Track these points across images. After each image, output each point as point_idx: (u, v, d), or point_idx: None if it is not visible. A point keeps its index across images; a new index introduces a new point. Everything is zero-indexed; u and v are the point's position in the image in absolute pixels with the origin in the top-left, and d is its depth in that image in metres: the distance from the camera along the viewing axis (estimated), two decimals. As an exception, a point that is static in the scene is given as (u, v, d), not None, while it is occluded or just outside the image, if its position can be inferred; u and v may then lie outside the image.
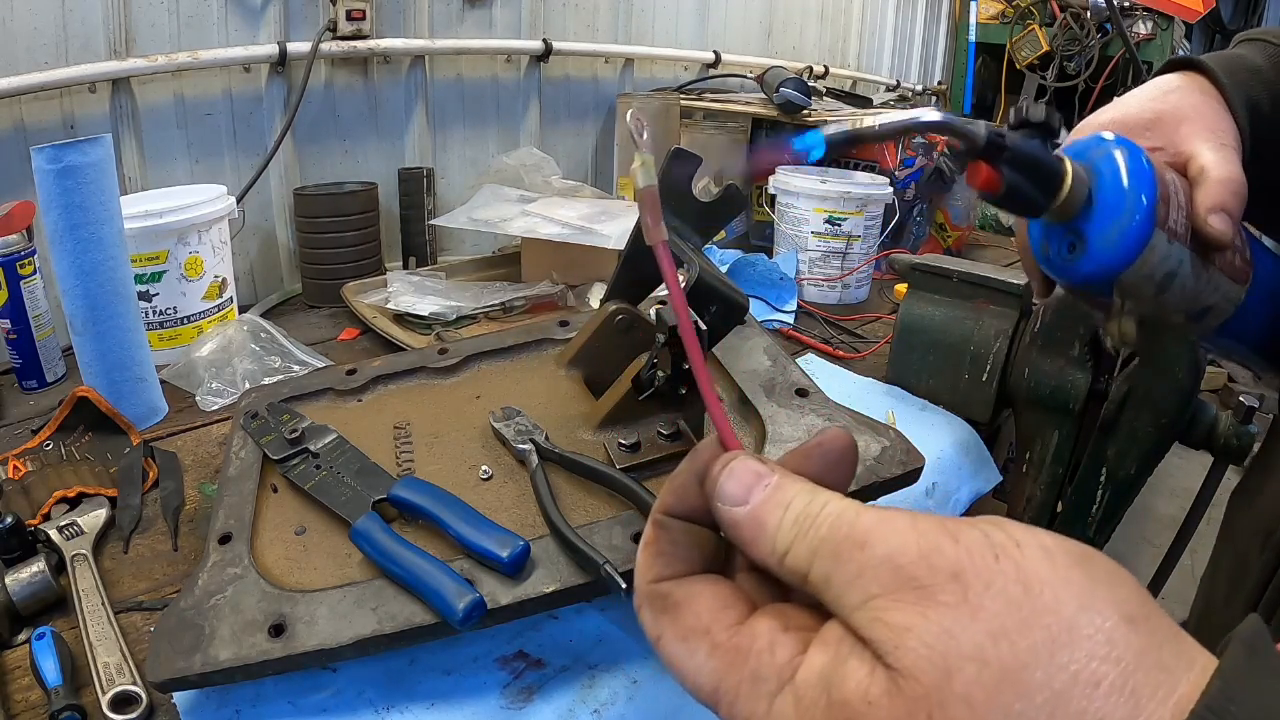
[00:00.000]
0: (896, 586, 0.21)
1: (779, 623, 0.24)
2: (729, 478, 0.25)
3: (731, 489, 0.25)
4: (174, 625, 0.52)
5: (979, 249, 1.81)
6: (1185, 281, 0.45)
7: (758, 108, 1.58)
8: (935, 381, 1.00)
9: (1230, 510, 0.68)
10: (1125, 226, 0.42)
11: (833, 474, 0.26)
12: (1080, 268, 0.44)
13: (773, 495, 0.24)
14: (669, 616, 0.25)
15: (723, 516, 0.25)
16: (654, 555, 0.27)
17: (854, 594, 0.21)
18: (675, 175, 0.65)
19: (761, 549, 0.24)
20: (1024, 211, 0.44)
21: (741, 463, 0.25)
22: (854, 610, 0.21)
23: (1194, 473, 0.95)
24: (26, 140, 1.03)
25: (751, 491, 0.24)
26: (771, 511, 0.24)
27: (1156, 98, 0.50)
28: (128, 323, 0.86)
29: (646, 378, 0.61)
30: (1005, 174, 0.41)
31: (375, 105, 1.45)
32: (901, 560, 0.21)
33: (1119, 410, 0.85)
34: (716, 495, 0.25)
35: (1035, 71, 2.99)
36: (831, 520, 0.23)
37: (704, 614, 0.25)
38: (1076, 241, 0.44)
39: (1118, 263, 0.43)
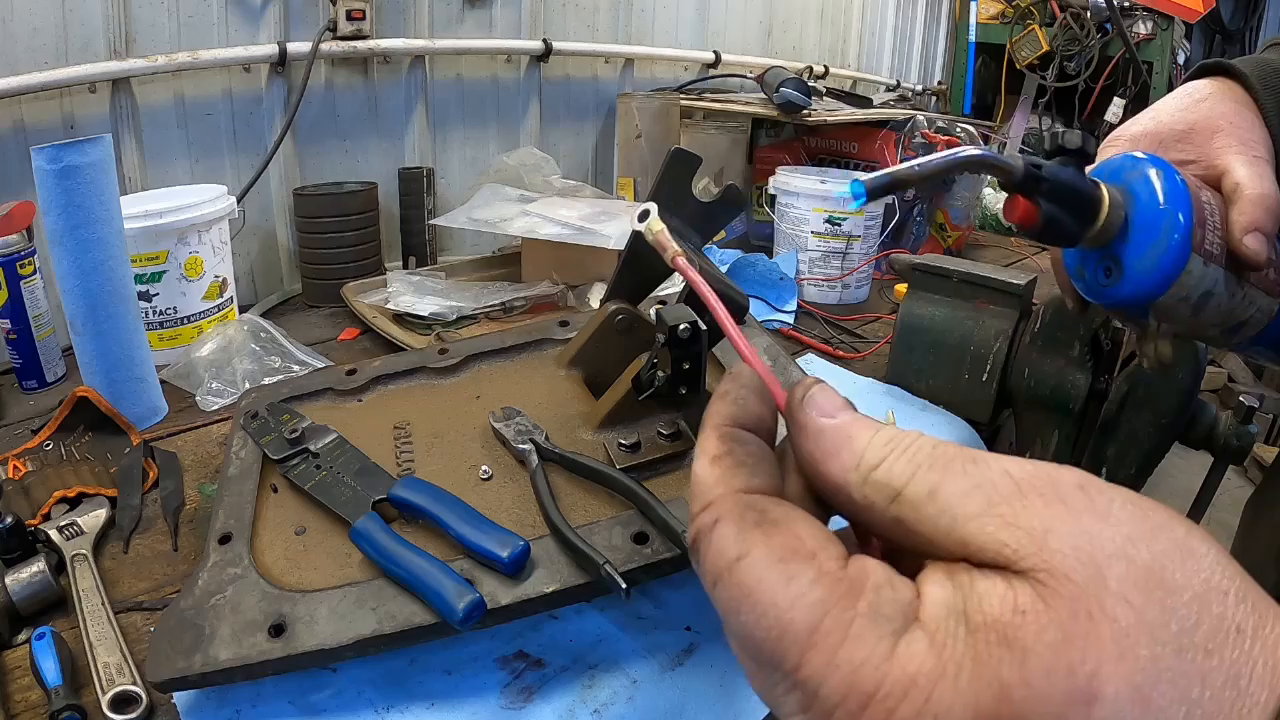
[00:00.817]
0: (1022, 494, 0.20)
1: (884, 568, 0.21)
2: (820, 391, 0.24)
3: (824, 401, 0.23)
4: (174, 625, 0.52)
5: (979, 249, 1.81)
6: (1220, 301, 0.45)
7: (758, 108, 1.58)
8: (935, 381, 1.00)
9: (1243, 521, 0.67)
10: (1161, 252, 0.42)
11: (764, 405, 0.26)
12: (1116, 293, 0.44)
13: (861, 417, 0.23)
14: (762, 532, 0.21)
15: (810, 424, 0.23)
16: (731, 466, 0.23)
17: (973, 502, 0.20)
18: (675, 175, 0.65)
19: (845, 460, 0.22)
20: (1060, 242, 0.44)
21: (826, 388, 0.24)
22: (973, 519, 0.20)
23: (1194, 473, 0.95)
24: (26, 140, 1.03)
25: (840, 410, 0.23)
26: (863, 427, 0.23)
27: (1189, 107, 0.50)
28: (128, 323, 0.86)
29: (646, 378, 0.61)
30: (1043, 206, 0.41)
31: (375, 105, 1.45)
32: (1021, 474, 0.20)
33: (1119, 410, 0.85)
34: (807, 401, 0.23)
35: (1035, 71, 2.98)
36: (933, 444, 0.22)
37: (809, 537, 0.21)
38: (1113, 266, 0.44)
39: (1154, 288, 0.43)
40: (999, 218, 1.98)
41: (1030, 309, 0.94)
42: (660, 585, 0.63)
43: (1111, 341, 0.88)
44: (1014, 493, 0.20)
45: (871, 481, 0.22)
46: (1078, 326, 0.86)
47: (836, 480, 0.22)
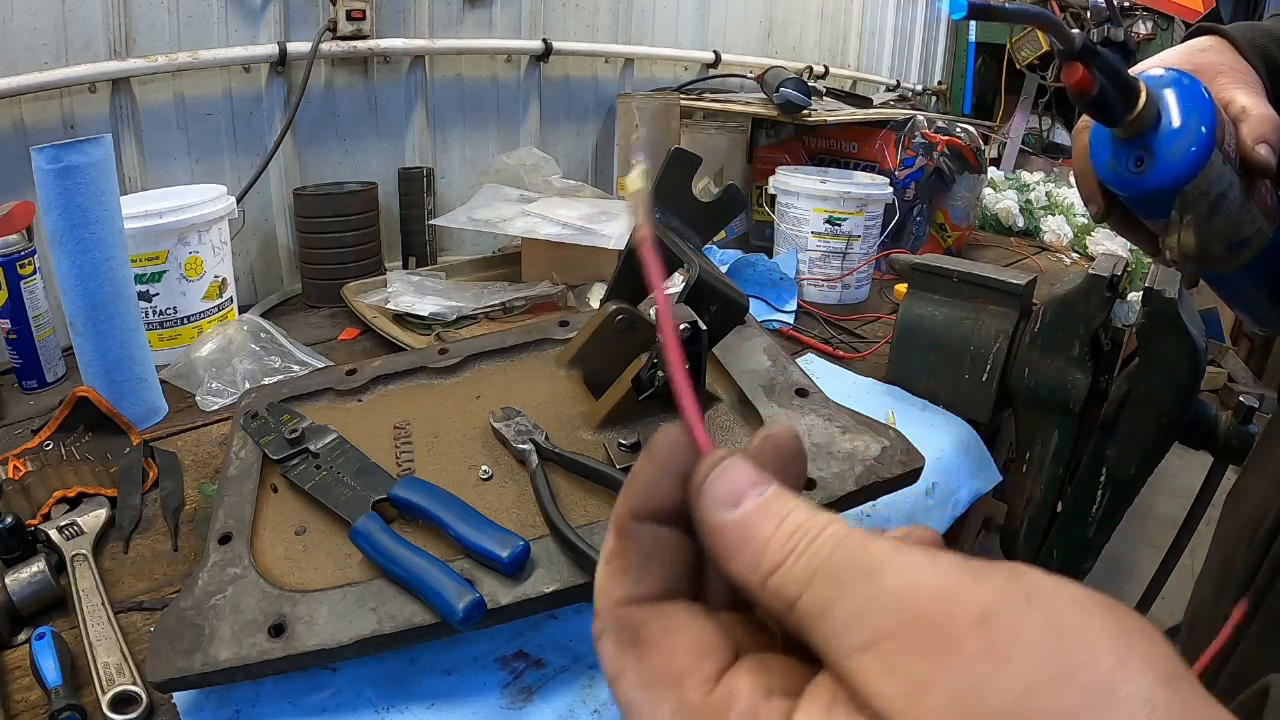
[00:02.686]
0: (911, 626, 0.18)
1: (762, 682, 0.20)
2: (721, 475, 0.21)
3: (723, 488, 0.21)
4: (174, 625, 0.52)
5: (979, 249, 1.81)
6: (1232, 206, 0.49)
7: (758, 108, 1.58)
8: (935, 381, 1.00)
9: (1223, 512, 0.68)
10: (1190, 142, 0.46)
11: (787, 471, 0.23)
12: (1147, 181, 0.48)
13: (769, 504, 0.21)
14: (634, 653, 0.21)
15: (707, 519, 0.21)
16: (619, 571, 0.22)
17: (859, 631, 0.18)
18: (675, 175, 0.65)
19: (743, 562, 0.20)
20: (1104, 117, 0.48)
21: (736, 463, 0.22)
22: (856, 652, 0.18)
23: (1194, 473, 0.95)
24: (26, 140, 1.03)
25: (744, 495, 0.21)
26: (764, 520, 0.20)
27: (1193, 54, 0.55)
28: (128, 323, 0.86)
29: (646, 378, 0.61)
30: (1097, 77, 0.45)
31: (375, 105, 1.45)
32: (918, 596, 0.18)
33: (1119, 410, 0.85)
34: (703, 493, 0.21)
35: (1035, 71, 2.98)
36: (836, 541, 0.19)
37: (678, 658, 0.20)
38: (1145, 155, 0.48)
39: (1183, 175, 0.47)
40: (998, 218, 1.98)
41: (1030, 309, 0.94)
42: (660, 585, 0.63)
43: (1111, 341, 0.88)
44: (904, 624, 0.18)
45: (768, 589, 0.20)
46: (1078, 326, 0.86)
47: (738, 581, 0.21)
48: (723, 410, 0.68)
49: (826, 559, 0.19)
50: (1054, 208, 1.97)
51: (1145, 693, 0.17)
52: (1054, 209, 1.96)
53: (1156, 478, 0.93)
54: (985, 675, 0.17)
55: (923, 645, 0.17)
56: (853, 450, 0.60)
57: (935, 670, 0.17)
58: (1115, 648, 0.17)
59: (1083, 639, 0.17)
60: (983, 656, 0.17)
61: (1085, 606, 0.18)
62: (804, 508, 0.20)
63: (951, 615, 0.17)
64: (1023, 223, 1.97)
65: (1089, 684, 0.17)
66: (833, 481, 0.57)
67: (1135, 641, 0.17)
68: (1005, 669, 0.17)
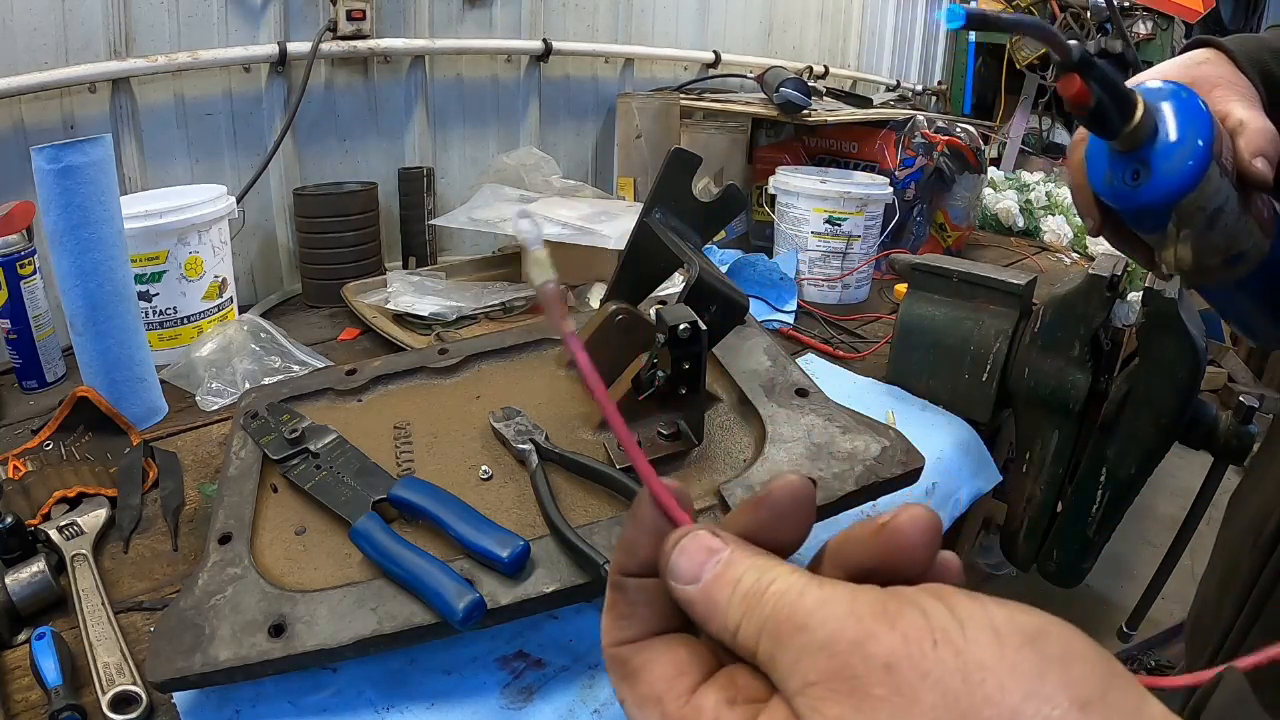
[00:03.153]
0: (830, 675, 0.20)
1: (726, 694, 0.23)
2: (680, 555, 0.25)
3: (684, 566, 0.25)
4: (174, 625, 0.52)
5: (979, 249, 1.81)
6: (1229, 220, 0.49)
7: (758, 108, 1.58)
8: (935, 381, 1.00)
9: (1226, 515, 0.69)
10: (1187, 155, 0.46)
11: (785, 524, 0.25)
12: (1143, 194, 0.48)
13: (724, 572, 0.24)
14: (628, 684, 0.25)
15: (676, 594, 0.25)
16: (614, 619, 0.26)
17: (794, 679, 0.21)
18: (675, 175, 0.65)
19: (714, 625, 0.24)
20: (1101, 130, 0.48)
21: (693, 540, 0.25)
22: (795, 695, 0.21)
23: (1194, 473, 0.95)
24: (26, 140, 1.03)
25: (703, 568, 0.24)
26: (722, 589, 0.24)
27: (1190, 67, 0.54)
28: (128, 323, 0.86)
29: (646, 378, 0.61)
30: (1094, 90, 0.45)
31: (375, 105, 1.45)
32: (837, 648, 0.20)
33: (1119, 410, 0.85)
34: (669, 573, 0.25)
35: (1035, 71, 2.98)
36: (775, 599, 0.22)
37: (657, 682, 0.24)
38: (1141, 169, 0.48)
39: (1180, 188, 0.46)
40: (998, 218, 1.98)
41: (1030, 309, 0.94)
42: (660, 585, 0.63)
43: (1111, 341, 0.88)
44: (825, 673, 0.20)
45: (736, 645, 0.23)
46: (1078, 326, 0.86)
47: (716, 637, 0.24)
48: (723, 410, 0.68)
49: (769, 618, 0.22)
50: (1054, 208, 1.97)
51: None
52: (1054, 209, 1.96)
53: (1156, 478, 0.93)
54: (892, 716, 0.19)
55: (841, 691, 0.20)
56: (853, 450, 0.60)
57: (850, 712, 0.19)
58: (1024, 681, 0.18)
59: (990, 675, 0.19)
60: (889, 699, 0.19)
61: (1002, 638, 0.19)
62: (753, 570, 0.23)
63: (865, 661, 0.20)
64: (1023, 223, 1.97)
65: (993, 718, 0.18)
66: (833, 481, 0.57)
67: (1051, 670, 0.19)
68: (910, 711, 0.19)
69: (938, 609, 0.20)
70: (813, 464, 0.59)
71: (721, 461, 0.62)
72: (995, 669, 0.19)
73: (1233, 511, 0.68)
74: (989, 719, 0.18)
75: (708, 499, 0.57)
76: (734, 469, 0.61)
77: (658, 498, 0.26)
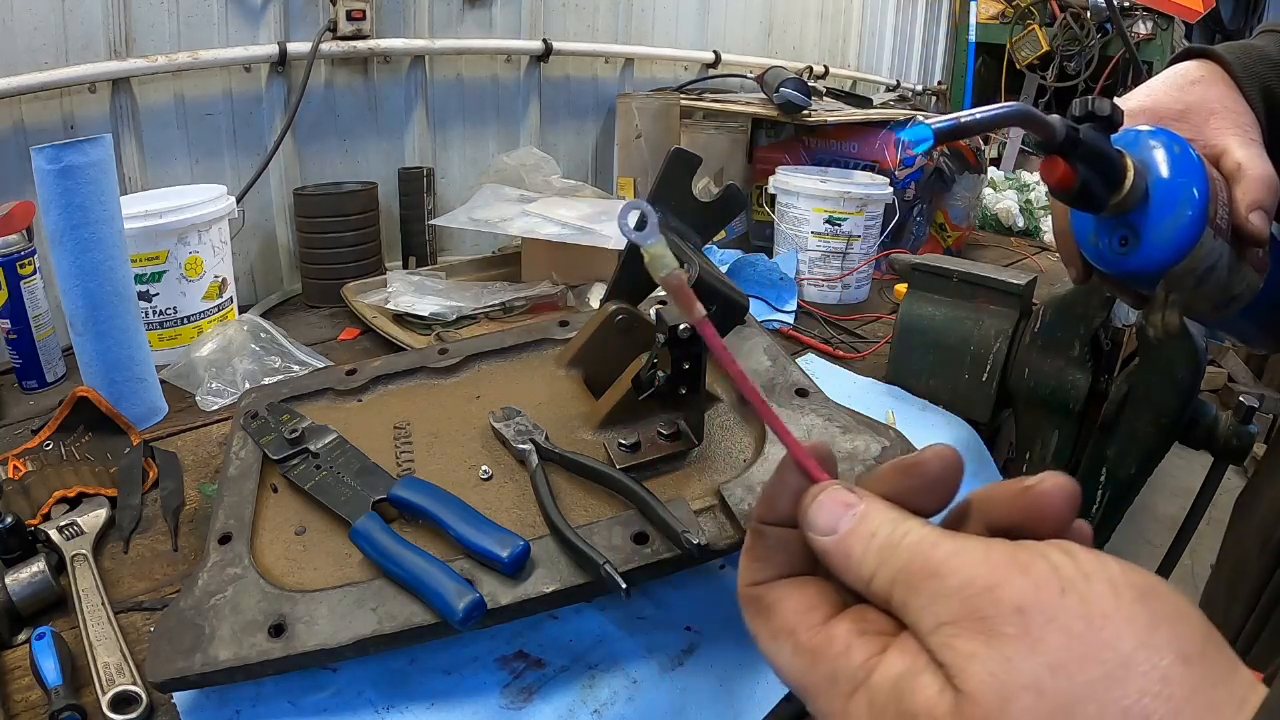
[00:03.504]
0: (964, 616, 0.22)
1: (857, 626, 0.25)
2: (818, 508, 0.27)
3: (821, 519, 0.26)
4: (174, 625, 0.52)
5: (979, 249, 1.81)
6: (1220, 274, 0.46)
7: (758, 108, 1.58)
8: (935, 381, 1.00)
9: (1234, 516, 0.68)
10: (1180, 224, 0.43)
11: (931, 492, 0.27)
12: (1131, 262, 0.45)
13: (859, 525, 0.26)
14: (762, 617, 0.28)
15: (814, 545, 0.27)
16: (751, 560, 0.29)
17: (927, 620, 0.23)
18: (675, 175, 0.65)
19: (849, 575, 0.26)
20: (1088, 207, 0.45)
21: (830, 493, 0.27)
22: (928, 635, 0.23)
23: (1194, 473, 0.95)
24: (26, 140, 1.03)
25: (839, 520, 0.26)
26: (857, 540, 0.25)
27: (1183, 88, 0.51)
28: (128, 323, 0.86)
29: (646, 378, 0.61)
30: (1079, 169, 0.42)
31: (375, 105, 1.45)
32: (969, 592, 0.22)
33: (1119, 410, 0.85)
34: (807, 525, 0.27)
35: (1035, 71, 2.99)
36: (910, 549, 0.24)
37: (790, 615, 0.27)
38: (1129, 235, 0.45)
39: (1170, 259, 0.44)
40: (998, 218, 1.98)
41: (1030, 309, 0.94)
42: (660, 585, 0.63)
43: (1111, 341, 0.88)
44: (958, 614, 0.22)
45: (869, 592, 0.25)
46: (1078, 326, 0.86)
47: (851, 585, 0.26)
48: (723, 410, 0.68)
49: (904, 567, 0.24)
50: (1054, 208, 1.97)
51: (1163, 670, 0.20)
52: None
53: (1156, 478, 0.93)
54: (1019, 653, 0.21)
55: (973, 630, 0.22)
56: (853, 450, 0.60)
57: (981, 648, 0.21)
58: (1138, 631, 0.20)
59: (1109, 624, 0.20)
60: (1018, 638, 0.21)
61: (1120, 591, 0.21)
62: (887, 523, 0.25)
63: (996, 604, 0.22)
64: (1023, 223, 1.97)
65: (1109, 661, 0.20)
66: (833, 481, 0.57)
67: (1161, 625, 0.21)
68: (1036, 649, 0.20)
69: (1065, 561, 0.22)
70: (813, 464, 0.59)
71: (721, 461, 0.62)
72: (1114, 618, 0.21)
73: (1240, 514, 0.68)
74: (1106, 661, 0.20)
75: (708, 499, 0.57)
76: (734, 469, 0.61)
77: (797, 456, 0.28)
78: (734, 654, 0.59)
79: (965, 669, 0.21)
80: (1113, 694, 0.20)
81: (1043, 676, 0.20)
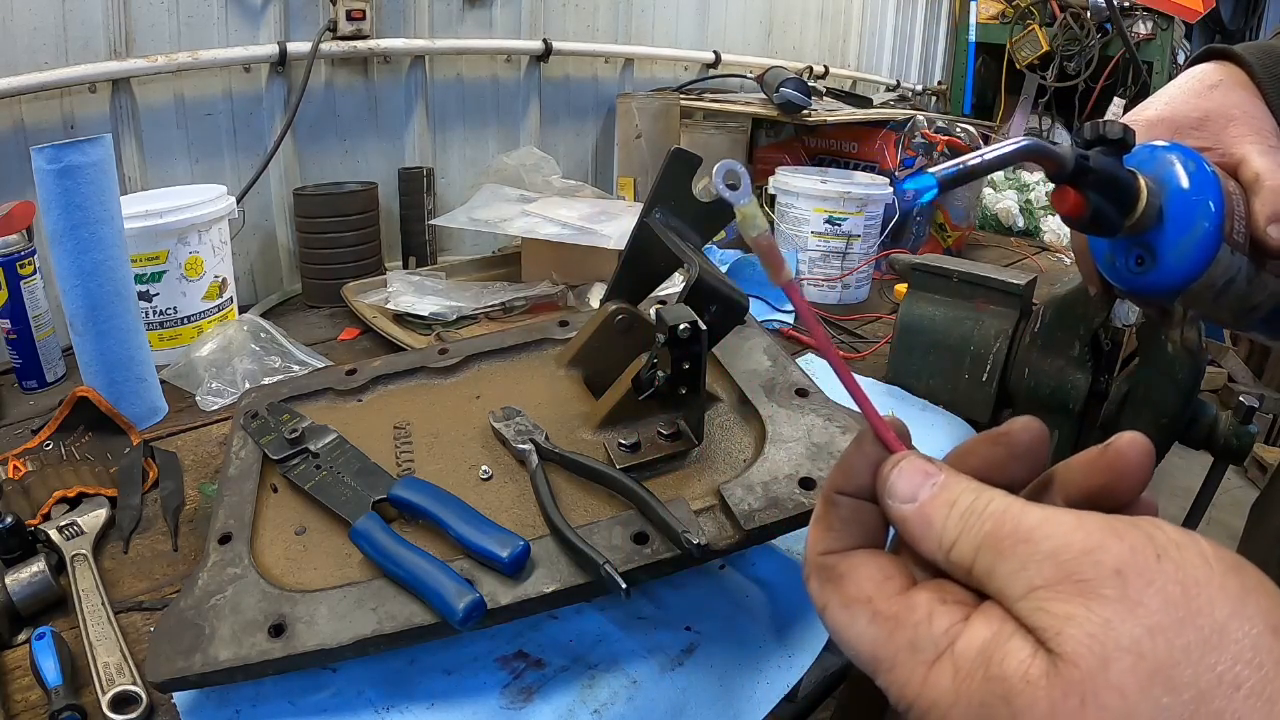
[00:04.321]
0: (1060, 579, 0.22)
1: (938, 595, 0.25)
2: (899, 476, 0.27)
3: (902, 486, 0.26)
4: (174, 625, 0.52)
5: (979, 249, 1.81)
6: (1240, 287, 0.46)
7: (758, 108, 1.58)
8: (935, 381, 1.00)
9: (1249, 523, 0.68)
10: (1196, 243, 0.43)
11: (1016, 465, 0.27)
12: (1149, 281, 0.45)
13: (940, 494, 0.25)
14: (833, 585, 0.27)
15: (893, 513, 0.26)
16: (823, 530, 0.28)
17: (1018, 585, 0.22)
18: (675, 175, 0.65)
19: (928, 543, 0.25)
20: (1101, 232, 0.44)
21: (911, 462, 0.27)
22: (1018, 600, 0.22)
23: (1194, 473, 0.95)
24: (26, 140, 1.03)
25: (919, 489, 0.26)
26: (938, 508, 0.25)
27: (1202, 94, 0.50)
28: (128, 323, 0.86)
29: (646, 378, 0.60)
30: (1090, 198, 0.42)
31: (375, 105, 1.45)
32: (1065, 556, 0.22)
33: (1119, 410, 0.85)
34: (887, 492, 0.27)
35: (1035, 71, 2.98)
36: (996, 516, 0.24)
37: (866, 584, 0.26)
38: (1145, 255, 0.45)
39: (1187, 277, 0.43)
40: (998, 218, 1.98)
41: (1030, 309, 0.94)
42: (660, 585, 0.63)
43: (1111, 341, 0.88)
44: (1053, 578, 0.22)
45: (949, 562, 0.25)
46: (1078, 326, 0.86)
47: (929, 555, 0.26)
48: (723, 410, 0.68)
49: (990, 533, 0.24)
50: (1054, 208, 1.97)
51: (1254, 639, 0.20)
52: (1054, 209, 1.96)
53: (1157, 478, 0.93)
54: (1118, 615, 0.21)
55: (1069, 592, 0.21)
56: (853, 450, 0.60)
57: (1079, 610, 0.21)
58: (1231, 600, 0.21)
59: (1204, 591, 0.21)
60: (1117, 601, 0.21)
61: (1211, 563, 0.21)
62: (969, 492, 0.25)
63: (1095, 567, 0.21)
64: (1023, 223, 1.97)
65: (1204, 628, 0.20)
66: (833, 481, 0.57)
67: (1251, 596, 0.21)
68: (1135, 612, 0.21)
69: (1158, 531, 0.22)
70: (813, 464, 0.59)
71: (721, 461, 0.62)
72: (1208, 586, 0.21)
73: (1255, 520, 0.68)
74: (1201, 626, 0.20)
75: (708, 499, 0.57)
76: (734, 469, 0.61)
77: (877, 427, 0.28)
78: (734, 654, 0.59)
79: (1063, 631, 0.21)
80: (1208, 660, 0.20)
81: (1142, 639, 0.20)
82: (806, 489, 0.56)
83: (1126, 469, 0.26)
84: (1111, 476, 0.26)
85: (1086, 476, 0.26)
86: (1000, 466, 0.27)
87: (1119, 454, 0.26)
